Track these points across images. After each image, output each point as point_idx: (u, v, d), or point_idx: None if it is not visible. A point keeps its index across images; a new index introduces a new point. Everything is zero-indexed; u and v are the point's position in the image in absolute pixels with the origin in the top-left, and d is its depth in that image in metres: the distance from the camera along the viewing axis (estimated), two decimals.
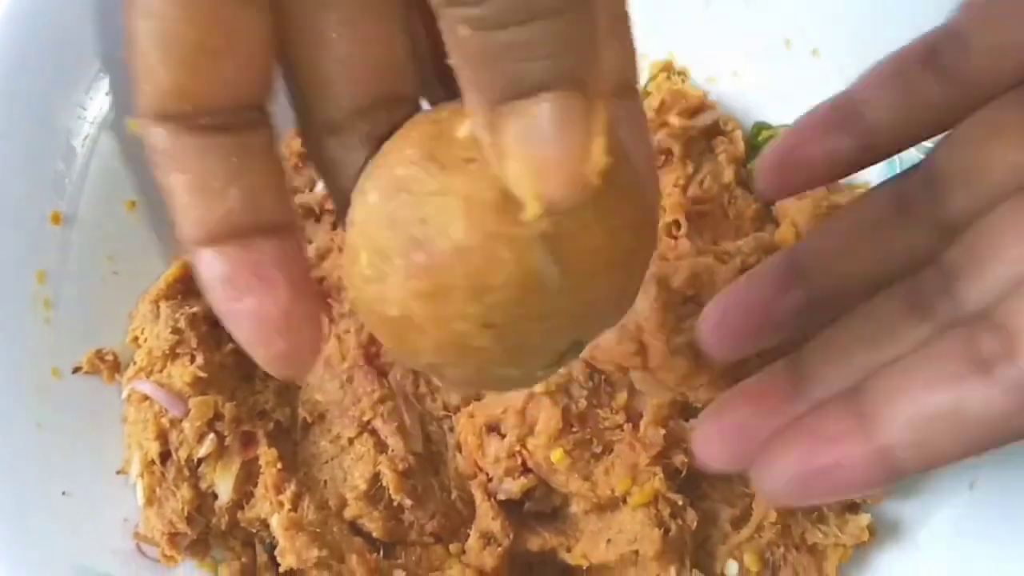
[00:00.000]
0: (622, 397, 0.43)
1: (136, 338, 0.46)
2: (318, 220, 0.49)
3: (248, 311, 0.26)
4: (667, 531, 0.41)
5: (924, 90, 0.34)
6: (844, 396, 0.30)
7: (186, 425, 0.44)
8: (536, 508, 0.44)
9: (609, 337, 0.42)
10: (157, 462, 0.44)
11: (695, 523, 0.41)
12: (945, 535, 0.42)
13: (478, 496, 0.43)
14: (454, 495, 0.44)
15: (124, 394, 0.46)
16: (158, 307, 0.46)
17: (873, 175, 0.43)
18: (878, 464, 0.28)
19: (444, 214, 0.23)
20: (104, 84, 0.47)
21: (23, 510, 0.44)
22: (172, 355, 0.45)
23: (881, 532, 0.43)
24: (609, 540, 0.42)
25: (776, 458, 0.30)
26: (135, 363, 0.46)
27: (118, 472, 0.46)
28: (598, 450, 0.42)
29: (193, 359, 0.44)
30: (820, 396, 0.32)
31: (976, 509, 0.42)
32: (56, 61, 0.46)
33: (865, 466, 0.28)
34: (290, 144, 0.49)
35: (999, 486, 0.42)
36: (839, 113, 0.35)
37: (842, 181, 0.46)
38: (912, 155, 0.37)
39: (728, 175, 0.49)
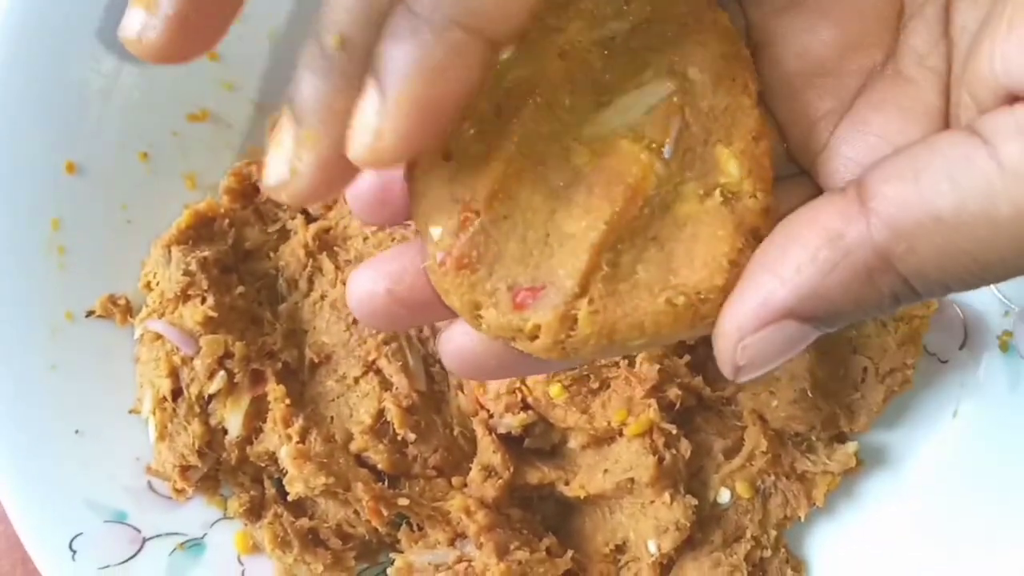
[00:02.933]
0: None
1: (148, 283, 0.48)
2: None
3: None
4: (661, 459, 0.42)
5: None
6: None
7: (197, 363, 0.45)
8: (535, 445, 0.46)
9: None
10: (169, 399, 0.45)
11: (688, 452, 0.43)
12: (930, 462, 0.44)
13: (479, 431, 0.45)
14: (456, 431, 0.46)
15: (137, 334, 0.47)
16: (170, 251, 0.47)
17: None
18: None
19: None
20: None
21: (37, 448, 0.45)
22: (184, 297, 0.46)
23: (868, 460, 0.45)
24: (606, 470, 0.43)
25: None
26: (147, 306, 0.47)
27: (130, 412, 0.47)
28: (595, 386, 0.44)
29: (204, 300, 0.46)
30: None
31: (959, 436, 0.44)
32: (71, 12, 0.48)
33: None
34: None
35: (980, 414, 0.43)
36: None
37: None
38: None
39: None
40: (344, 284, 0.48)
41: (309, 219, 0.50)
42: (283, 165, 0.25)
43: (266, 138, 0.52)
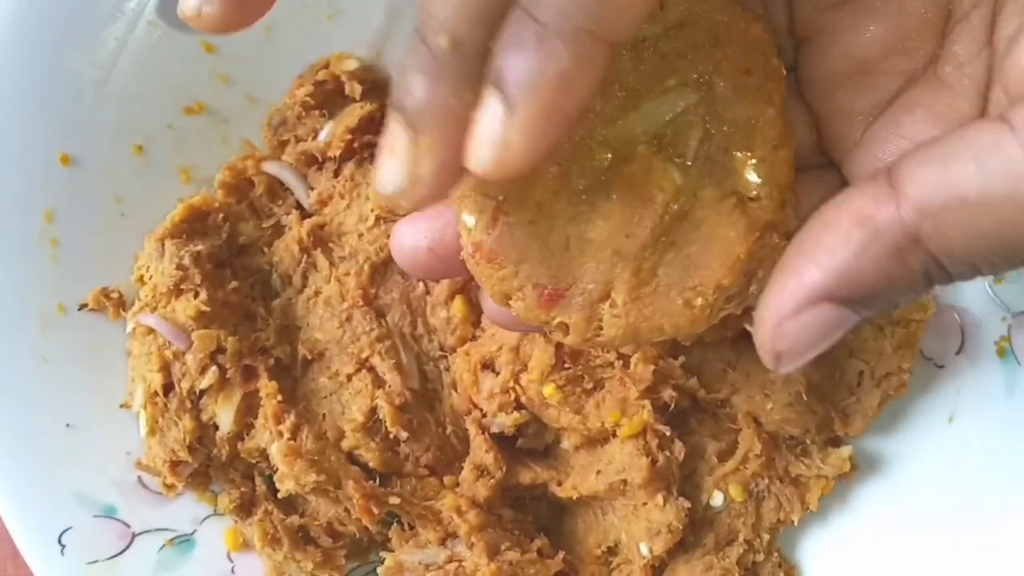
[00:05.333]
0: None
1: (141, 276, 0.47)
2: (320, 168, 0.50)
3: None
4: (655, 461, 0.42)
5: None
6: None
7: (189, 357, 0.45)
8: (528, 445, 0.46)
9: None
10: (160, 393, 0.45)
11: (682, 454, 0.42)
12: (925, 468, 0.44)
13: (472, 430, 0.45)
14: (449, 430, 0.46)
15: (129, 328, 0.47)
16: (163, 245, 0.47)
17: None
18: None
19: None
20: (114, 28, 0.48)
21: (27, 440, 0.45)
22: (176, 291, 0.46)
23: (863, 465, 0.45)
24: (599, 471, 0.43)
25: None
26: (140, 300, 0.47)
27: (121, 406, 0.47)
28: (589, 386, 0.43)
29: (197, 294, 0.45)
30: None
31: (955, 443, 0.43)
32: (69, 6, 0.47)
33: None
34: (294, 92, 0.50)
35: (977, 420, 0.43)
36: None
37: None
38: None
39: None
40: (339, 280, 0.48)
41: (304, 215, 0.50)
42: (401, 173, 0.25)
43: (262, 132, 0.52)
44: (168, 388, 0.45)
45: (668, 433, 0.42)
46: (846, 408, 0.44)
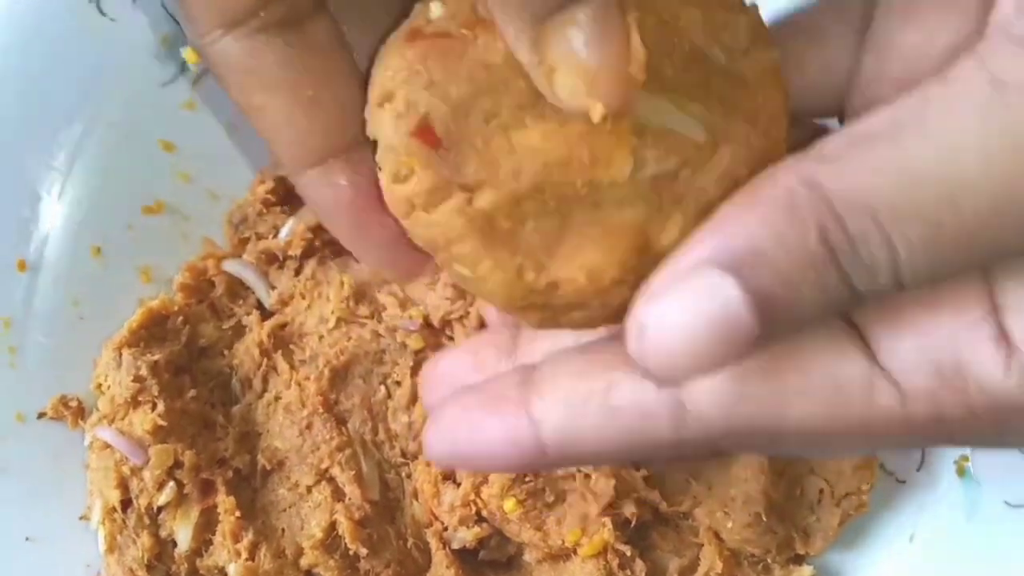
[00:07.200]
0: None
1: (100, 385, 0.47)
2: (281, 266, 0.50)
3: (381, 234, 0.26)
4: None
5: None
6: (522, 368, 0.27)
7: (146, 473, 0.44)
8: (491, 557, 0.45)
9: None
10: (118, 510, 0.44)
11: (643, 574, 0.42)
12: None
13: (433, 544, 0.44)
14: (410, 543, 0.45)
15: (87, 441, 0.47)
16: (120, 355, 0.46)
17: None
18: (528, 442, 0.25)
19: None
20: (71, 131, 0.48)
21: None
22: (134, 403, 0.45)
23: None
24: None
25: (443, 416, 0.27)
26: (98, 410, 0.47)
27: (81, 518, 0.46)
28: (551, 499, 0.43)
29: (154, 407, 0.45)
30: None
31: (915, 562, 0.43)
32: (25, 110, 0.47)
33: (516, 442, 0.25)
34: (255, 188, 0.50)
35: (937, 540, 0.43)
36: None
37: None
38: None
39: None
40: (299, 385, 0.47)
41: (265, 315, 0.49)
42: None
43: (223, 228, 0.51)
44: (126, 504, 0.45)
45: (629, 552, 0.42)
46: (807, 527, 0.44)
